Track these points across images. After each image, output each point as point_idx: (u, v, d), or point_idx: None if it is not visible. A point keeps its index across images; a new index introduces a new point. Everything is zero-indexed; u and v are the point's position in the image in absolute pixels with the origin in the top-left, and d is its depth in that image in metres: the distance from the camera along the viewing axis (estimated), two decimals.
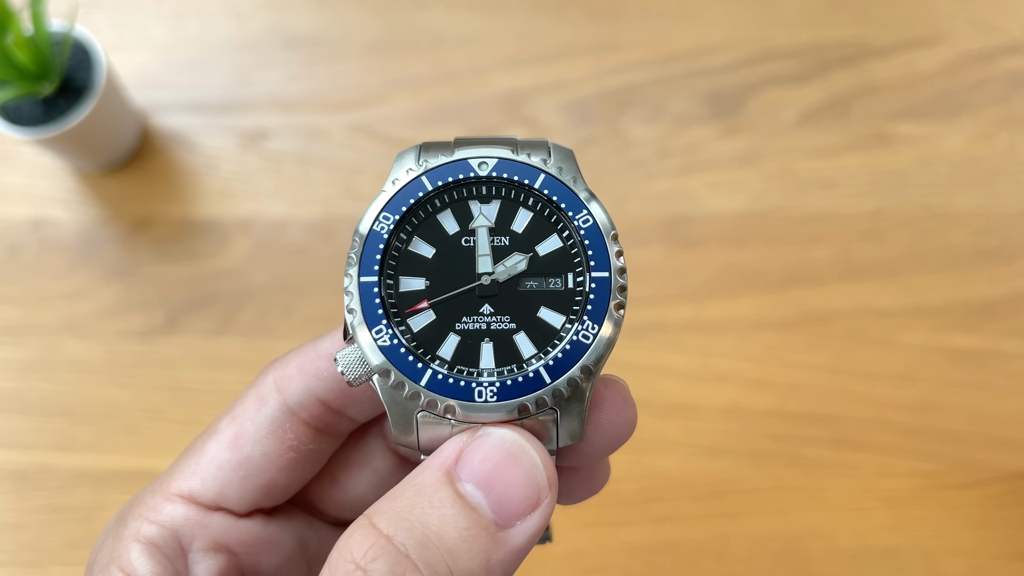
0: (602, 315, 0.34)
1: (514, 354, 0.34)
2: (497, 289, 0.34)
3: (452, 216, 0.35)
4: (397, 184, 0.35)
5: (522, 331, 0.34)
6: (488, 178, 0.35)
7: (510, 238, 0.35)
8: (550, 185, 0.35)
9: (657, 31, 0.88)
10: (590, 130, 0.85)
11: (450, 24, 0.89)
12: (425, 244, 0.35)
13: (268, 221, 0.83)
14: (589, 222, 0.34)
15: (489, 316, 0.34)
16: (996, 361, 0.79)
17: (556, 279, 0.35)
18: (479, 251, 0.35)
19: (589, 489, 0.39)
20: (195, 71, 0.88)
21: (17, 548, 0.76)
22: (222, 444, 0.36)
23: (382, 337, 0.33)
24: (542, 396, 0.33)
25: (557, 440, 0.34)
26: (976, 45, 0.88)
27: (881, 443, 0.77)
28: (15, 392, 0.80)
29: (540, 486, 0.31)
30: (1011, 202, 0.83)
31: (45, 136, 0.75)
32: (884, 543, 0.75)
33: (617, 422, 0.35)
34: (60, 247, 0.83)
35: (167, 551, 0.36)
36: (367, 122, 0.86)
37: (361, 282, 0.34)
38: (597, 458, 0.36)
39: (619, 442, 0.35)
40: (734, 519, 0.75)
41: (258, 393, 0.37)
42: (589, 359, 0.33)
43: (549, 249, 0.35)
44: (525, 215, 0.35)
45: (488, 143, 0.36)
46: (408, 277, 0.34)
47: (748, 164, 0.84)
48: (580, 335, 0.33)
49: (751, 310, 0.80)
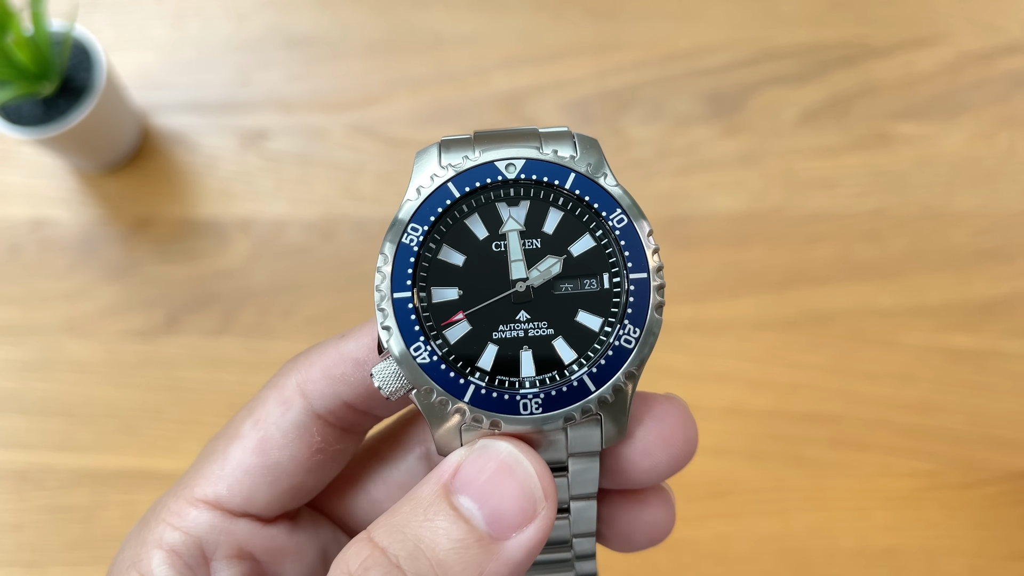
0: (643, 318, 0.33)
1: (554, 360, 0.33)
2: (532, 294, 0.33)
3: (480, 221, 0.34)
4: (423, 192, 0.34)
5: (560, 336, 0.33)
6: (516, 180, 0.34)
7: (542, 240, 0.34)
8: (581, 184, 0.34)
9: (657, 31, 0.88)
10: (590, 130, 0.85)
11: (450, 24, 0.89)
12: (455, 252, 0.34)
13: (268, 221, 0.83)
14: (624, 221, 0.34)
15: (526, 323, 0.33)
16: (996, 361, 0.79)
17: (592, 280, 0.34)
18: (511, 256, 0.34)
19: (651, 532, 0.37)
20: (195, 71, 0.88)
21: (17, 548, 0.76)
22: (247, 449, 0.36)
23: (420, 354, 0.32)
24: (587, 404, 0.32)
25: (602, 443, 0.33)
26: (976, 45, 0.88)
27: (881, 443, 0.77)
28: (15, 392, 0.80)
29: (535, 497, 0.31)
30: (1011, 202, 0.83)
31: (45, 136, 0.75)
32: (884, 543, 0.75)
33: (679, 439, 0.34)
34: (60, 247, 0.83)
35: (189, 559, 0.35)
36: (367, 122, 0.86)
37: (395, 298, 0.32)
38: (657, 476, 0.35)
39: (680, 461, 0.35)
40: (734, 519, 0.75)
41: (281, 397, 0.36)
42: (633, 364, 0.33)
43: (583, 249, 0.34)
44: (556, 215, 0.34)
45: (510, 137, 0.34)
46: (440, 288, 0.33)
47: (748, 164, 0.84)
48: (623, 340, 0.33)
49: (751, 310, 0.80)
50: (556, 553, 0.37)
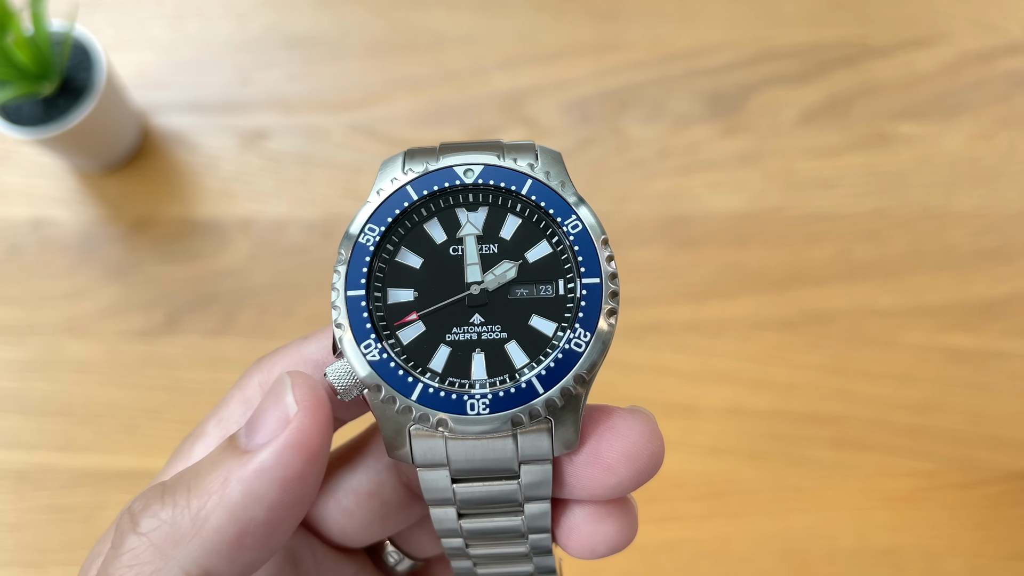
0: (594, 322, 0.33)
1: (506, 364, 0.33)
2: (487, 298, 0.34)
3: (439, 225, 0.34)
4: (382, 194, 0.34)
5: (513, 340, 0.33)
6: (475, 185, 0.34)
7: (499, 245, 0.34)
8: (537, 190, 0.34)
9: (657, 31, 0.88)
10: (590, 130, 0.85)
11: (450, 24, 0.89)
12: (412, 254, 0.34)
13: (268, 221, 0.83)
14: (578, 227, 0.34)
15: (480, 326, 0.33)
16: (996, 361, 0.79)
17: (547, 286, 0.34)
18: (467, 260, 0.34)
19: (613, 541, 0.37)
20: (195, 71, 0.88)
21: (17, 548, 0.76)
22: (209, 448, 0.36)
23: (371, 352, 0.32)
24: (535, 407, 0.32)
25: (552, 450, 0.33)
26: (976, 45, 0.88)
27: (881, 443, 0.77)
28: (15, 392, 0.80)
29: (287, 403, 0.31)
30: (1011, 202, 0.83)
31: (45, 136, 0.75)
32: (884, 543, 0.75)
33: (644, 454, 0.34)
34: (60, 247, 0.83)
35: None
36: (367, 122, 0.86)
37: (348, 296, 0.33)
38: (621, 491, 0.34)
39: (644, 475, 0.34)
40: (734, 519, 0.75)
41: (243, 396, 0.36)
42: (582, 367, 0.32)
43: (539, 255, 0.34)
44: (513, 221, 0.34)
45: (473, 148, 0.35)
46: (396, 289, 0.34)
47: (748, 164, 0.84)
48: (572, 343, 0.33)
49: (751, 310, 0.80)
50: (508, 546, 0.37)
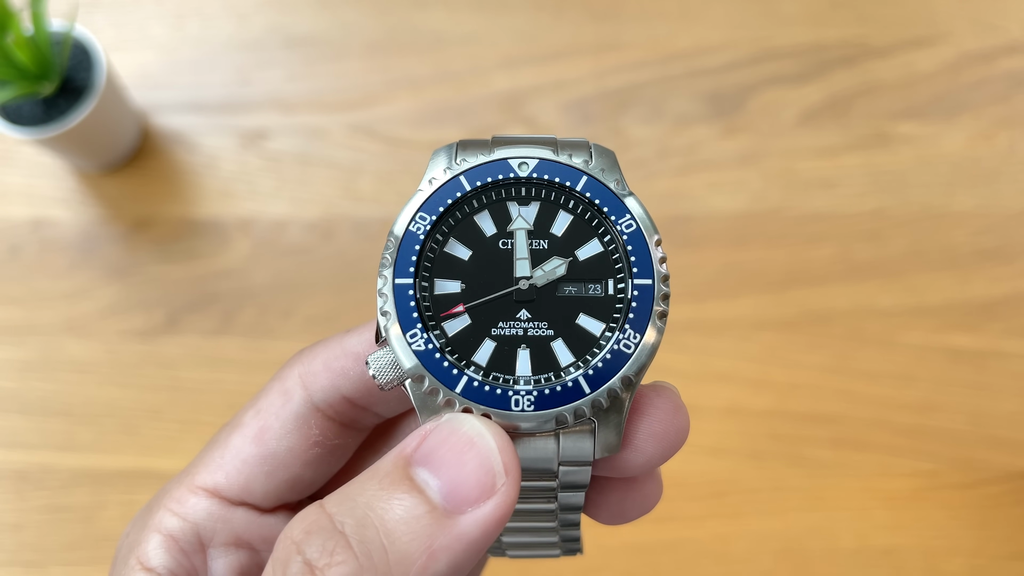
0: (645, 323, 0.33)
1: (551, 361, 0.33)
2: (535, 294, 0.33)
3: (490, 217, 0.34)
4: (435, 183, 0.34)
5: (560, 338, 0.33)
6: (528, 179, 0.34)
7: (549, 241, 0.34)
8: (592, 187, 0.34)
9: (657, 31, 0.88)
10: (590, 130, 0.85)
11: (450, 24, 0.89)
12: (461, 246, 0.34)
13: (268, 221, 0.83)
14: (632, 227, 0.33)
15: (526, 322, 0.33)
16: (996, 361, 0.79)
17: (596, 285, 0.34)
18: (517, 254, 0.34)
19: (642, 507, 0.37)
20: (195, 71, 0.88)
21: (17, 548, 0.76)
22: (247, 438, 0.36)
23: (416, 341, 0.32)
24: (580, 407, 0.32)
25: (594, 452, 0.33)
26: (976, 45, 0.88)
27: (881, 443, 0.77)
28: (15, 392, 0.80)
29: (495, 472, 0.29)
30: (1011, 202, 0.83)
31: (45, 136, 0.75)
32: (884, 543, 0.75)
33: (670, 431, 0.34)
34: (60, 247, 0.83)
35: (185, 545, 0.35)
36: (367, 122, 0.86)
37: (396, 284, 0.33)
38: (650, 468, 0.34)
39: (672, 451, 0.34)
40: (734, 519, 0.75)
41: (283, 387, 0.36)
42: (630, 369, 0.32)
43: (589, 254, 0.34)
44: (565, 218, 0.34)
45: (528, 142, 0.35)
46: (444, 280, 0.33)
47: (748, 164, 0.84)
48: (621, 344, 0.32)
49: (751, 310, 0.80)
50: (537, 522, 0.37)
